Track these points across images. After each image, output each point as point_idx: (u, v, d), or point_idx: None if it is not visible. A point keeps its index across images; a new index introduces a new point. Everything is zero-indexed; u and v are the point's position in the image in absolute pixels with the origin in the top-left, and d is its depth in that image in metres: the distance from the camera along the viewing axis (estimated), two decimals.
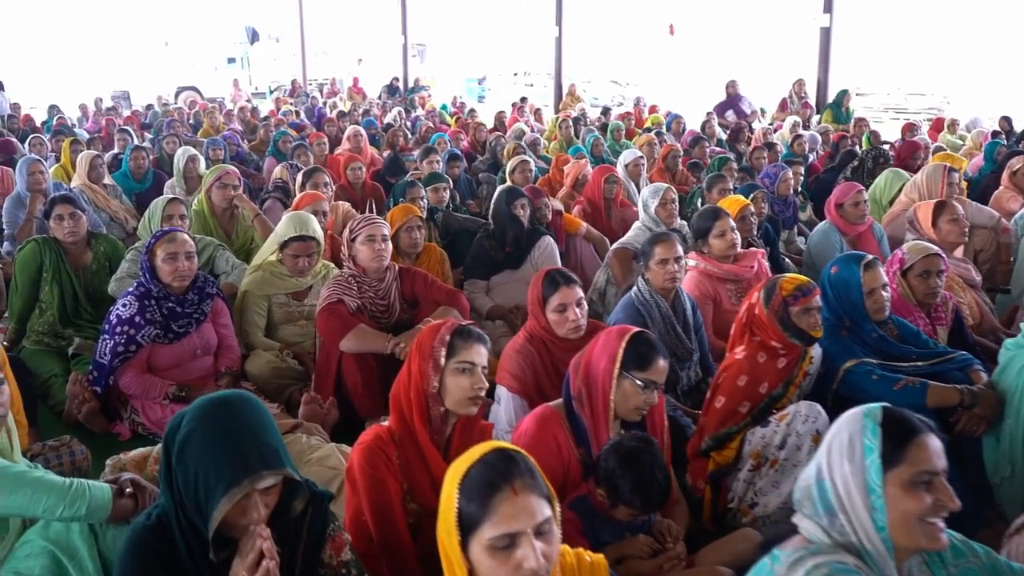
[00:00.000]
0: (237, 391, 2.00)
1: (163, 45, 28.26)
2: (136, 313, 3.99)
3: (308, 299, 4.65)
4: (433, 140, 10.09)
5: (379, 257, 4.16)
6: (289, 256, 4.49)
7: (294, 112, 16.00)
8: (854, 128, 12.40)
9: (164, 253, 4.04)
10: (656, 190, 5.67)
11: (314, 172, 6.25)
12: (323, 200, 5.37)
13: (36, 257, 4.82)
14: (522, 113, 15.81)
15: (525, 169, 7.41)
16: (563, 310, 3.36)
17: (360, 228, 4.17)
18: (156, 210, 4.94)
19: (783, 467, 3.03)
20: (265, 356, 4.37)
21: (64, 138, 10.56)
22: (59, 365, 4.57)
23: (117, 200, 7.85)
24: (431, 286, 4.25)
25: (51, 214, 4.85)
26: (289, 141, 9.95)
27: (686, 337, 3.98)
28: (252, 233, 5.75)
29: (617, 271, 5.34)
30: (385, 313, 4.24)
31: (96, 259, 5.00)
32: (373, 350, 3.93)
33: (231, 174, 5.72)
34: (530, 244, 5.53)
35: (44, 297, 4.84)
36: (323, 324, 3.97)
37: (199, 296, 4.20)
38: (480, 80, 35.06)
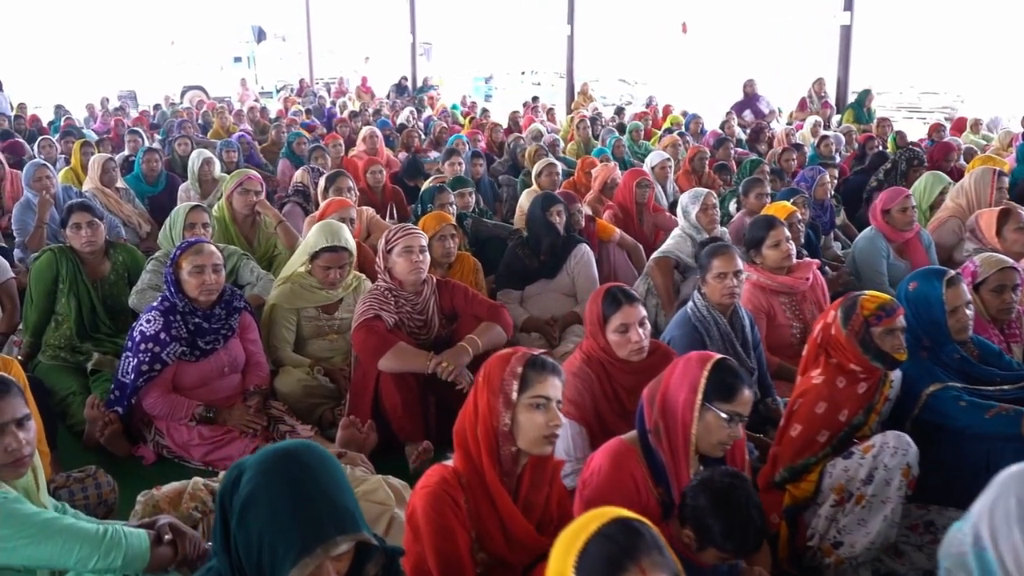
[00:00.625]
0: (303, 441, 1.76)
1: (169, 44, 28.02)
2: (161, 329, 3.76)
3: (339, 312, 4.42)
4: (451, 141, 9.85)
5: (417, 270, 3.93)
6: (320, 267, 4.26)
7: (304, 112, 15.78)
8: (877, 128, 12.14)
9: (190, 266, 3.81)
10: (696, 195, 5.43)
11: (338, 176, 6.01)
12: (350, 207, 5.14)
13: (52, 267, 4.59)
14: (536, 113, 15.55)
15: (552, 173, 7.17)
16: (625, 330, 3.12)
17: (397, 239, 3.93)
18: (178, 218, 4.70)
19: (870, 504, 2.79)
20: (296, 374, 4.13)
21: (74, 140, 10.37)
22: (77, 382, 4.33)
23: (130, 204, 7.64)
24: (472, 300, 4.02)
25: (68, 222, 4.62)
26: (304, 143, 9.74)
27: (745, 356, 3.74)
28: (275, 241, 5.52)
29: (659, 281, 5.11)
30: (423, 329, 4.01)
31: (114, 269, 4.77)
32: (413, 369, 3.69)
33: (253, 179, 5.49)
34: (566, 252, 5.29)
35: (60, 309, 4.61)
36: (360, 342, 3.74)
37: (226, 310, 3.97)
38: (487, 79, 34.73)
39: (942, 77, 25.38)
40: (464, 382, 3.65)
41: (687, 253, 5.24)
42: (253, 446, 3.76)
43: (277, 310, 4.29)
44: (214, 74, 28.08)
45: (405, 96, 22.22)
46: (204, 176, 7.77)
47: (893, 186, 8.03)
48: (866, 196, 8.27)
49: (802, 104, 14.15)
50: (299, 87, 23.09)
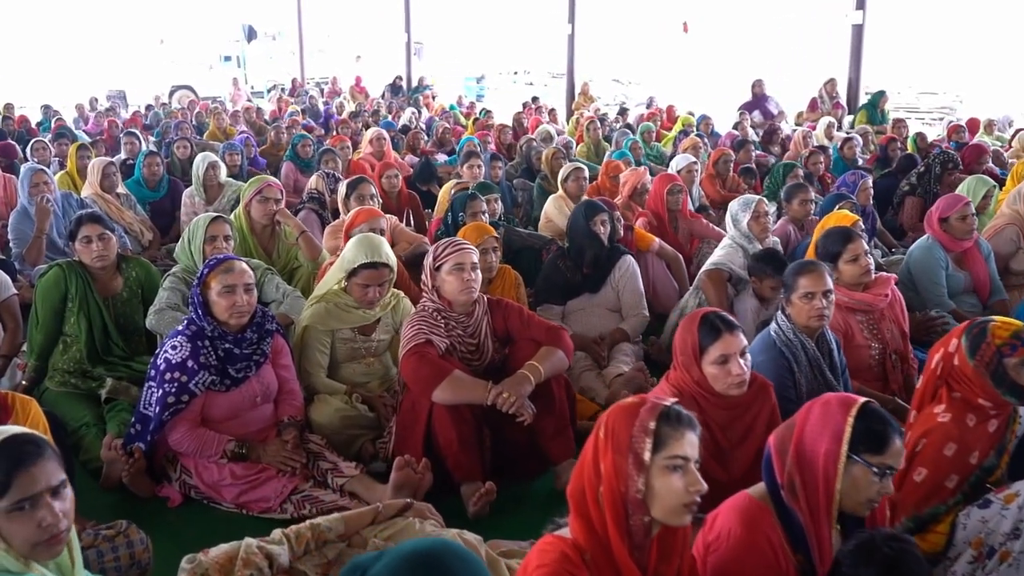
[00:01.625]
0: (440, 541, 1.40)
1: (158, 43, 27.49)
2: (188, 357, 3.39)
3: (376, 333, 4.06)
4: (463, 144, 9.49)
5: (469, 289, 3.57)
6: (358, 285, 3.89)
7: (300, 112, 15.37)
8: (892, 130, 11.85)
9: (220, 286, 3.44)
10: (747, 203, 5.10)
11: (360, 183, 5.65)
12: (381, 217, 4.77)
13: (60, 284, 4.21)
14: (540, 114, 15.19)
15: (580, 177, 6.82)
16: (725, 362, 2.78)
17: (446, 255, 3.57)
18: (197, 230, 4.32)
19: (1018, 561, 2.45)
20: (333, 403, 3.76)
21: (67, 142, 9.95)
22: (90, 412, 3.95)
23: (131, 211, 7.25)
24: (528, 321, 3.66)
25: (77, 235, 4.23)
26: (309, 145, 9.34)
27: (835, 382, 3.40)
28: (295, 252, 5.15)
29: (712, 295, 4.77)
30: (475, 354, 3.65)
31: (127, 286, 4.38)
32: (471, 401, 3.34)
33: (273, 186, 5.11)
34: (610, 264, 4.95)
35: (69, 330, 4.23)
36: (411, 370, 3.37)
37: (258, 334, 3.60)
38: (479, 79, 34.33)
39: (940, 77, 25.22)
40: (527, 415, 3.30)
41: (739, 265, 4.90)
42: (292, 486, 3.40)
43: (310, 332, 3.91)
44: (203, 74, 27.59)
45: (400, 96, 21.82)
46: (209, 181, 7.39)
47: (927, 190, 7.81)
48: (897, 200, 7.98)
49: (813, 104, 13.86)
50: (291, 87, 22.67)
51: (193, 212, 7.36)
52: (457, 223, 5.29)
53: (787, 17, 24.55)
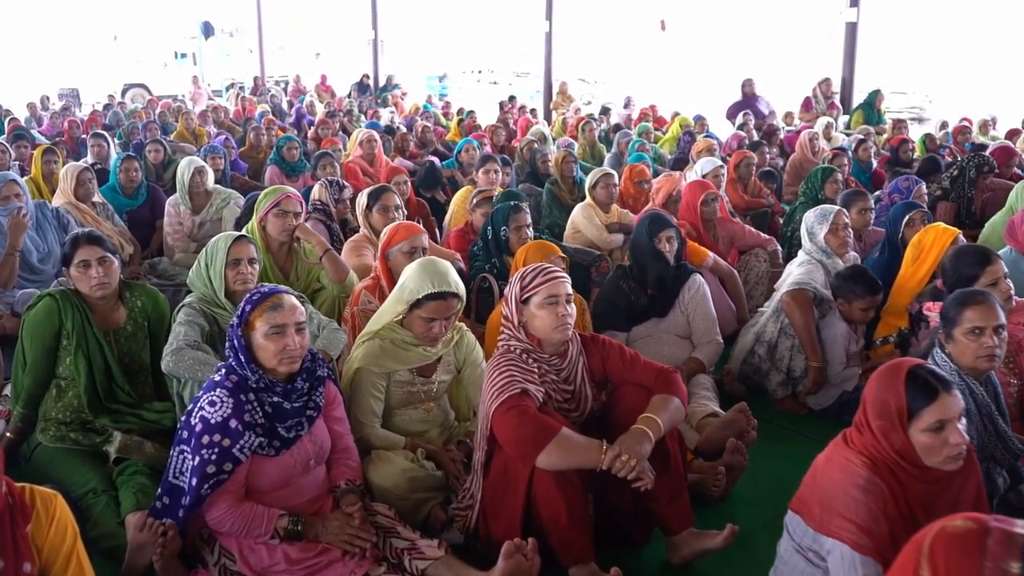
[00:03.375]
0: None
1: (112, 39, 26.34)
2: (231, 415, 2.75)
3: (437, 374, 3.45)
4: (461, 146, 8.88)
5: (564, 325, 2.98)
6: (421, 319, 3.27)
7: (270, 112, 14.59)
8: (892, 130, 11.49)
9: (267, 326, 2.81)
10: (824, 214, 4.58)
11: (383, 192, 5.02)
12: (422, 234, 4.15)
13: (53, 318, 3.53)
14: (523, 113, 14.60)
15: (609, 184, 6.27)
16: (941, 429, 2.23)
17: (536, 285, 2.98)
18: (217, 253, 3.66)
19: None
20: (398, 462, 3.15)
21: (26, 144, 9.16)
22: (96, 475, 3.28)
23: (109, 221, 6.55)
24: (632, 362, 3.08)
25: (72, 259, 3.56)
26: (295, 147, 8.66)
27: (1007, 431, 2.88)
28: (318, 274, 4.51)
29: (799, 320, 4.23)
30: (571, 403, 3.06)
31: (131, 318, 3.71)
32: (583, 465, 2.75)
33: (292, 198, 4.46)
34: (678, 285, 4.40)
35: (64, 372, 3.55)
36: (510, 430, 2.77)
37: (309, 382, 2.97)
38: (441, 78, 33.65)
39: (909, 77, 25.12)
40: (647, 480, 2.71)
41: (821, 284, 4.38)
42: (362, 572, 2.78)
43: (363, 375, 3.29)
44: (157, 71, 26.54)
45: (368, 95, 21.08)
46: (195, 188, 6.71)
47: (960, 195, 7.39)
48: (928, 205, 7.54)
49: (806, 104, 13.47)
50: (254, 85, 21.77)
51: (178, 222, 6.68)
52: (499, 238, 4.70)
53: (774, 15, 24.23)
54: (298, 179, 8.67)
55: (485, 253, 4.76)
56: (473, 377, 3.52)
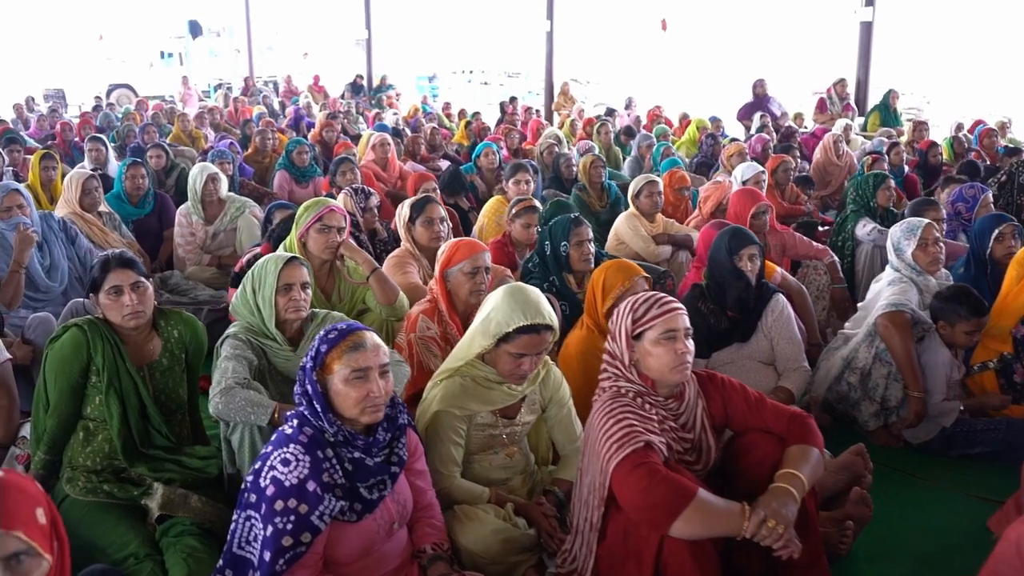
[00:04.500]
0: None
1: (97, 39, 25.70)
2: (309, 476, 2.34)
3: (520, 415, 3.05)
4: (479, 150, 8.47)
5: (684, 365, 2.59)
6: (510, 355, 2.86)
7: (267, 114, 14.12)
8: (913, 132, 11.16)
9: (348, 370, 2.40)
10: (911, 228, 4.21)
11: (427, 204, 4.61)
12: (485, 251, 3.74)
13: (80, 352, 3.10)
14: (528, 115, 14.20)
15: (654, 192, 5.88)
16: None
17: (652, 318, 2.59)
18: (265, 277, 3.23)
19: None
20: (488, 520, 2.75)
21: (19, 148, 8.68)
22: (137, 535, 2.85)
23: (116, 232, 6.10)
24: (758, 406, 2.69)
25: (102, 285, 3.13)
26: (305, 151, 8.22)
27: None
28: (363, 294, 4.10)
29: (898, 345, 3.85)
30: (692, 453, 2.67)
31: (167, 350, 3.29)
32: (723, 533, 2.35)
33: (336, 212, 4.05)
34: (760, 307, 4.02)
35: (93, 413, 3.13)
36: (640, 493, 2.36)
37: (391, 432, 2.57)
38: (431, 78, 33.22)
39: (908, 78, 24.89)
40: (794, 548, 2.32)
41: (916, 304, 4.01)
42: None
43: (443, 419, 2.89)
44: (142, 71, 25.95)
45: (362, 96, 20.64)
46: (208, 196, 6.27)
47: (1009, 201, 7.06)
48: None
49: (821, 105, 13.14)
50: (244, 86, 21.25)
51: (190, 233, 6.26)
52: (559, 254, 4.30)
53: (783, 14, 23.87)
54: (308, 185, 8.26)
55: (542, 270, 4.36)
56: (559, 418, 3.13)
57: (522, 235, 5.26)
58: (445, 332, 3.70)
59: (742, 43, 24.41)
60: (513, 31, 32.55)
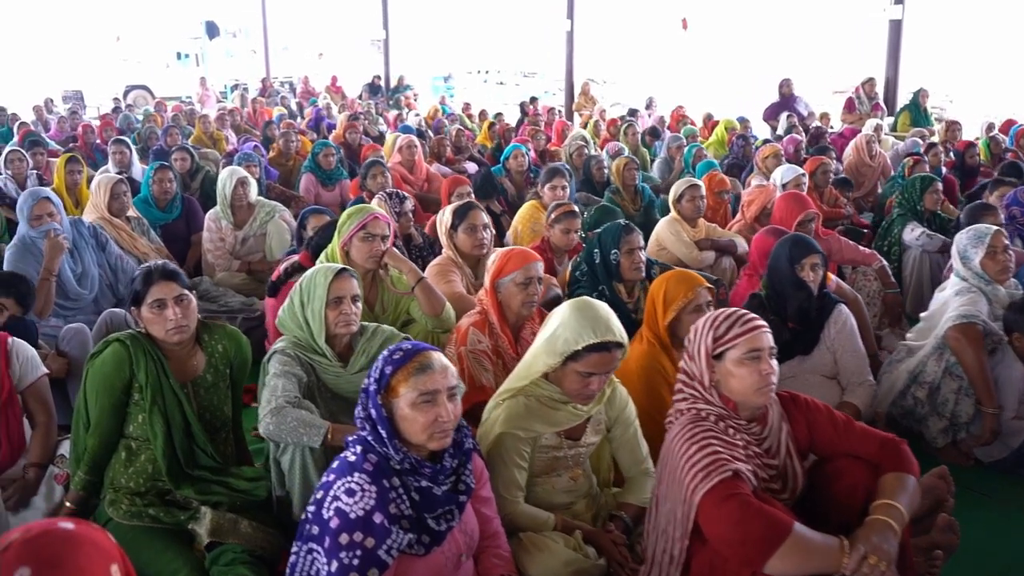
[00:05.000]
0: None
1: (115, 40, 25.66)
2: (375, 508, 2.19)
3: (586, 436, 2.89)
4: (508, 152, 8.31)
5: (768, 387, 2.43)
6: (578, 374, 2.71)
7: (288, 115, 14.01)
8: (946, 132, 10.93)
9: (415, 393, 2.26)
10: (979, 235, 4.03)
11: (469, 210, 4.45)
12: (537, 261, 3.58)
13: (122, 369, 2.97)
14: (551, 116, 14.02)
15: (696, 196, 5.71)
16: None
17: (735, 336, 2.44)
18: (315, 289, 3.09)
19: None
20: (559, 551, 2.60)
21: (42, 151, 8.58)
22: (186, 564, 2.71)
23: (145, 238, 5.97)
24: (846, 430, 2.53)
25: (144, 298, 2.99)
26: (332, 154, 8.08)
27: None
28: (407, 305, 3.96)
29: (970, 359, 3.69)
30: (777, 481, 2.51)
31: (211, 365, 3.15)
32: (821, 571, 2.19)
33: (380, 220, 3.90)
34: (822, 318, 3.85)
35: (135, 432, 2.99)
36: (728, 526, 2.21)
37: (457, 457, 2.42)
38: (446, 78, 33.12)
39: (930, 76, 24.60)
40: None
41: (986, 315, 3.83)
42: None
43: (507, 441, 2.73)
44: (159, 72, 25.90)
45: (379, 96, 20.52)
46: (238, 201, 6.14)
47: None
48: None
49: (849, 105, 12.93)
50: (262, 87, 21.15)
51: (219, 238, 6.13)
52: (609, 263, 4.14)
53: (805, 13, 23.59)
54: (334, 187, 8.14)
55: (590, 279, 4.20)
56: (625, 438, 2.97)
57: (561, 240, 5.11)
58: (496, 345, 3.56)
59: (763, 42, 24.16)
60: (529, 31, 32.42)
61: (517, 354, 3.60)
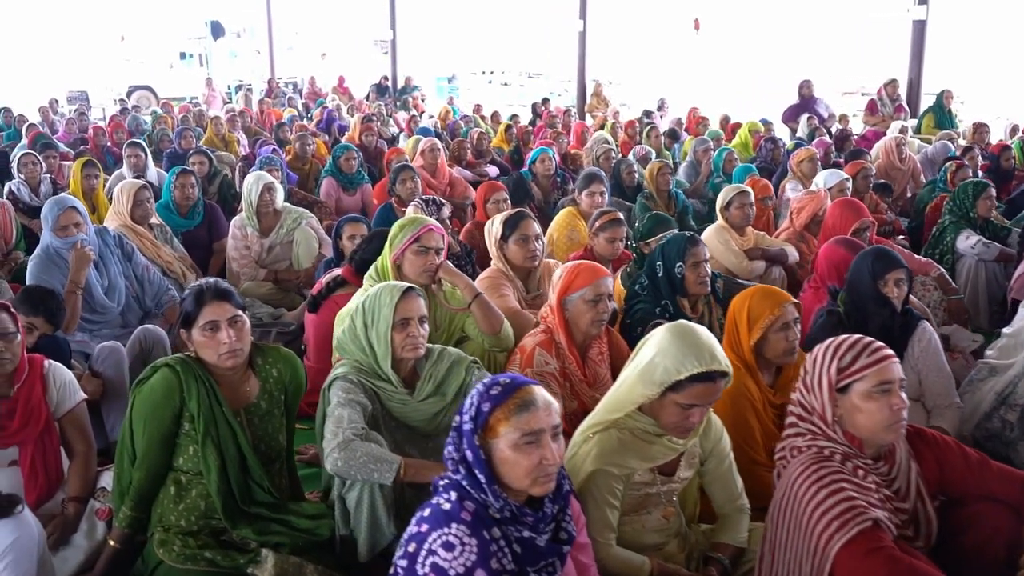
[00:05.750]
0: None
1: (119, 40, 25.38)
2: (477, 563, 1.96)
3: (680, 470, 2.66)
4: (536, 155, 8.07)
5: (899, 423, 2.20)
6: (678, 406, 2.47)
7: (299, 117, 13.75)
8: (974, 135, 10.70)
9: (518, 434, 2.02)
10: None
11: (521, 220, 4.22)
12: (607, 277, 3.35)
13: (172, 397, 2.73)
14: (568, 117, 13.78)
15: (745, 203, 5.48)
16: None
17: (863, 368, 2.22)
18: (380, 310, 2.84)
19: None
20: None
21: (54, 154, 8.32)
22: None
23: (168, 246, 5.74)
24: (981, 469, 2.31)
25: (195, 320, 2.75)
26: (354, 158, 7.85)
27: None
28: (462, 322, 3.72)
29: None
30: (909, 526, 2.28)
31: (265, 391, 2.91)
32: None
33: (434, 232, 3.66)
34: (905, 336, 3.62)
35: (185, 465, 2.76)
36: None
37: (557, 502, 2.18)
38: (450, 79, 32.86)
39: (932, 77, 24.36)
40: None
41: None
42: None
43: (600, 479, 2.50)
44: (162, 73, 25.60)
45: (387, 97, 20.27)
46: (264, 208, 5.90)
47: None
48: None
49: (871, 107, 12.68)
50: (268, 87, 20.87)
51: (244, 246, 5.90)
52: (673, 276, 3.91)
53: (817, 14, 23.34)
54: (355, 192, 7.91)
55: (652, 294, 3.97)
56: (719, 472, 2.73)
57: (606, 250, 4.89)
58: (564, 367, 3.33)
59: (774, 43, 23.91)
60: (534, 31, 32.17)
61: (585, 376, 3.38)
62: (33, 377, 2.99)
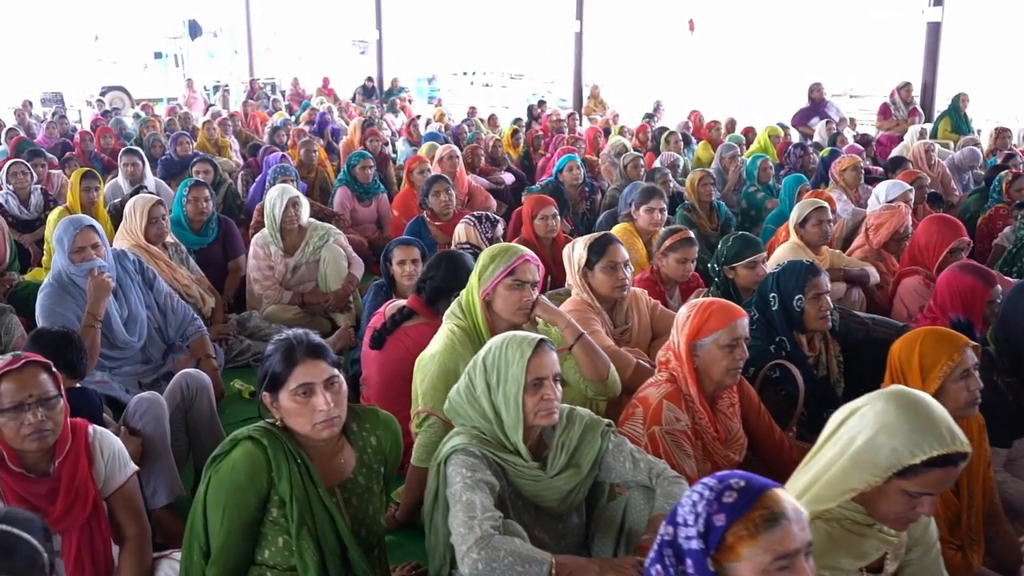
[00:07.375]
0: None
1: (92, 39, 24.53)
2: None
3: (887, 565, 2.19)
4: (563, 164, 7.59)
5: None
6: (905, 495, 1.98)
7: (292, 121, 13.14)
8: (996, 140, 10.38)
9: (769, 558, 1.57)
10: None
11: (609, 244, 3.72)
12: (743, 318, 2.87)
13: (259, 478, 2.23)
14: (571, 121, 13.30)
15: (823, 220, 5.00)
16: None
17: None
18: (509, 368, 2.29)
19: None
20: None
21: (43, 162, 7.71)
22: None
23: (184, 267, 5.21)
24: None
25: (285, 382, 2.25)
26: (369, 166, 7.34)
27: None
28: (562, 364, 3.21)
29: None
30: None
31: (363, 464, 2.42)
32: None
33: (530, 263, 3.10)
34: None
35: (272, 559, 2.26)
36: None
37: None
38: (430, 80, 32.25)
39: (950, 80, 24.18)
40: None
41: None
42: None
43: None
44: (136, 73, 24.79)
45: (373, 99, 19.69)
46: (289, 224, 5.39)
47: None
48: None
49: (884, 111, 12.35)
50: (249, 88, 20.19)
51: (268, 266, 5.39)
52: (791, 310, 3.45)
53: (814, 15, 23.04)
54: (371, 202, 7.41)
55: (764, 330, 3.50)
56: (925, 564, 2.27)
57: (676, 271, 4.47)
58: (695, 423, 2.85)
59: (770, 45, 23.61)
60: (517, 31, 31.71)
61: (717, 432, 2.90)
62: (77, 449, 2.46)
